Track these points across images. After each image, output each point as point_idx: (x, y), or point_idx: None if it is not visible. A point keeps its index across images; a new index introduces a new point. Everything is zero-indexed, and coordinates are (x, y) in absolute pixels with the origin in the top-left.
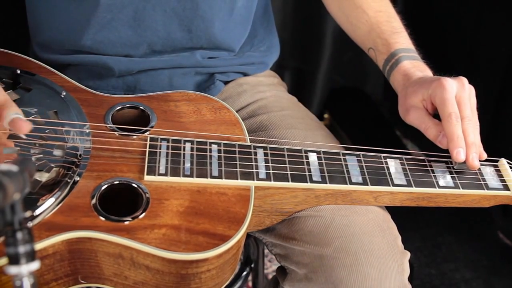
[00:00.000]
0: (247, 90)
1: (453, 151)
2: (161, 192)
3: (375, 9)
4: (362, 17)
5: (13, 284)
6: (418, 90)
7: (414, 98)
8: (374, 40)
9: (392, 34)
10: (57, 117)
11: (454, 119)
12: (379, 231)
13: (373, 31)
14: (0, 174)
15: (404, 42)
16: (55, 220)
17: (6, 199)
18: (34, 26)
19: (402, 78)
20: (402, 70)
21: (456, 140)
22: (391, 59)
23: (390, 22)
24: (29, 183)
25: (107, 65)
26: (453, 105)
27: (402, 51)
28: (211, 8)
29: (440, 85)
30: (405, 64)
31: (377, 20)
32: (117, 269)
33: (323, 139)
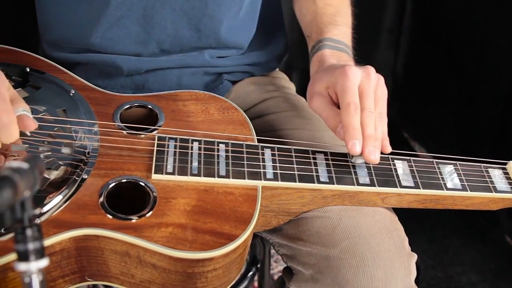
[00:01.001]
0: (255, 90)
1: (348, 143)
2: (168, 191)
3: (325, 2)
4: (310, 7)
5: (22, 280)
6: (323, 77)
7: (319, 85)
8: (312, 28)
9: (329, 25)
10: (66, 115)
11: (353, 109)
12: (386, 233)
13: (314, 20)
14: (11, 171)
15: (337, 33)
16: (62, 217)
17: (17, 196)
18: (44, 24)
19: (316, 65)
20: (319, 57)
21: (352, 131)
22: (315, 46)
23: (334, 16)
24: (39, 181)
25: (116, 64)
26: (353, 94)
27: (329, 40)
28: (219, 7)
29: (343, 73)
30: (325, 52)
31: (323, 11)
32: (123, 267)
33: (330, 140)
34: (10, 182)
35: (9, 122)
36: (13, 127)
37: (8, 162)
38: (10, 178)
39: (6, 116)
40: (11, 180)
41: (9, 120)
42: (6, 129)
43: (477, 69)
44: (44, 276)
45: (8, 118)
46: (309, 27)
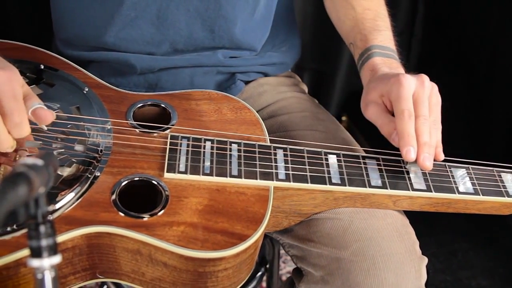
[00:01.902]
0: (267, 90)
1: (403, 150)
2: (180, 189)
3: (363, 7)
4: (349, 13)
5: (35, 277)
6: (378, 85)
7: (374, 94)
8: (355, 35)
9: (373, 31)
10: (79, 113)
11: (407, 116)
12: (397, 236)
13: (356, 27)
14: (27, 168)
15: (383, 40)
16: (75, 214)
17: (32, 192)
18: (58, 22)
19: (369, 74)
20: (371, 65)
21: (406, 138)
22: (364, 54)
23: (375, 21)
24: (53, 177)
25: (129, 62)
26: (407, 102)
27: (377, 48)
28: (233, 8)
29: (397, 81)
30: (376, 59)
31: (363, 17)
32: (134, 265)
33: (342, 141)
34: (25, 179)
35: (21, 121)
36: (24, 126)
37: (22, 158)
38: (26, 174)
39: (18, 115)
40: (26, 177)
41: (21, 119)
42: (18, 128)
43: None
44: (57, 273)
45: (19, 117)
46: (351, 34)
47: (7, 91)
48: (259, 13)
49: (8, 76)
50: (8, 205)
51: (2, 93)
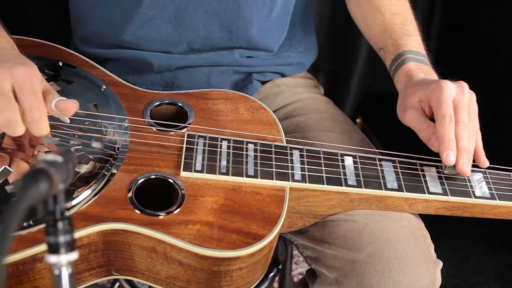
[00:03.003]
0: (284, 91)
1: (443, 154)
2: (196, 188)
3: (392, 11)
4: (378, 18)
5: (51, 272)
6: (417, 90)
7: (413, 99)
8: (386, 40)
9: (403, 36)
10: (97, 110)
11: (448, 121)
12: (412, 239)
13: (386, 32)
14: (47, 164)
15: (414, 45)
16: (91, 211)
17: (52, 188)
18: (76, 20)
19: (404, 79)
20: (405, 71)
21: (447, 142)
22: (397, 60)
23: (404, 25)
24: (72, 174)
25: (146, 60)
26: (448, 107)
27: (409, 53)
28: (251, 9)
29: (438, 87)
30: (410, 65)
31: (392, 22)
32: (149, 263)
33: (359, 143)
34: (46, 175)
35: (40, 117)
36: (43, 123)
37: (40, 154)
38: (46, 170)
39: (37, 111)
40: (47, 173)
41: (40, 116)
42: (37, 124)
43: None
44: (73, 269)
45: (39, 114)
46: (381, 39)
47: (27, 87)
48: (276, 14)
49: (28, 72)
50: (29, 201)
51: (22, 89)
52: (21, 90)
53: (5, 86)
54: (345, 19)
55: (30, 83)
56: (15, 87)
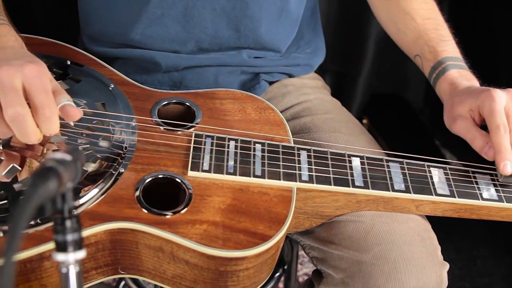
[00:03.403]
0: (291, 91)
1: (500, 164)
2: (203, 188)
3: (423, 16)
4: (410, 24)
5: (59, 271)
6: (466, 100)
7: (461, 108)
8: (421, 47)
9: (439, 42)
10: (105, 109)
11: (503, 131)
12: (419, 241)
13: (421, 38)
14: (56, 163)
15: (452, 50)
16: (99, 210)
17: (61, 187)
18: (84, 19)
19: (448, 87)
20: (448, 79)
21: (503, 152)
22: (437, 67)
23: (438, 30)
24: (80, 173)
25: (154, 60)
26: (502, 116)
27: (449, 60)
28: (260, 8)
29: (489, 96)
30: (452, 72)
31: (425, 27)
32: (156, 262)
33: (366, 144)
34: (55, 173)
35: (51, 115)
36: (54, 121)
37: (49, 152)
38: (55, 169)
39: (49, 109)
40: (56, 171)
41: (51, 114)
42: (48, 122)
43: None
44: (81, 267)
45: (50, 112)
46: (416, 46)
47: (37, 85)
48: (286, 15)
49: (38, 70)
50: (38, 199)
51: (33, 87)
52: (31, 88)
53: (15, 83)
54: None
55: (40, 81)
56: (25, 85)
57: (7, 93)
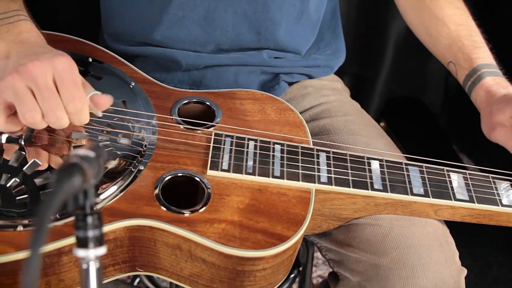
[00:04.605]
0: (311, 92)
1: None
2: (222, 187)
3: (456, 22)
4: (442, 30)
5: (80, 266)
6: (505, 107)
7: (501, 116)
8: (455, 54)
9: (473, 48)
10: (125, 107)
11: None
12: (437, 245)
13: (454, 45)
14: (80, 159)
15: (486, 57)
16: (118, 206)
17: (86, 183)
18: (106, 17)
19: (485, 95)
20: (485, 87)
21: None
22: (473, 75)
23: (471, 36)
24: (103, 169)
25: (175, 58)
26: None
27: (484, 67)
28: (280, 11)
29: None
30: (488, 80)
31: (458, 34)
32: (173, 260)
33: (385, 147)
34: (79, 169)
35: (82, 107)
36: (85, 112)
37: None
38: (80, 165)
39: (79, 102)
40: (80, 167)
41: (82, 106)
42: (79, 114)
43: None
44: (101, 264)
45: (81, 104)
46: (449, 52)
47: (68, 78)
48: (306, 17)
49: (68, 63)
50: (63, 195)
51: (64, 80)
52: (62, 82)
53: (48, 79)
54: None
55: (71, 74)
56: (56, 79)
57: (42, 89)
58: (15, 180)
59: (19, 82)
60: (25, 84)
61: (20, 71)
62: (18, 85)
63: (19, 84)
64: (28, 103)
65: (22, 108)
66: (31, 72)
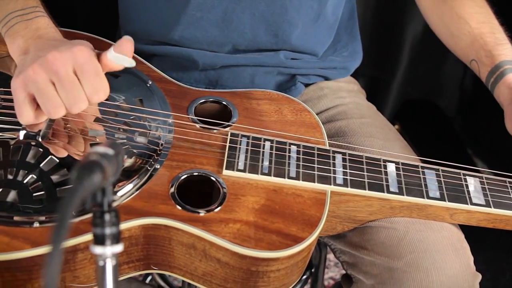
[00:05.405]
0: (327, 94)
1: None
2: (238, 187)
3: (478, 20)
4: (464, 28)
5: (96, 263)
6: None
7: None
8: (477, 51)
9: (496, 45)
10: (142, 105)
11: None
12: (452, 250)
13: (476, 43)
14: (99, 156)
15: (509, 54)
16: (134, 204)
17: (105, 180)
18: (124, 16)
19: (508, 92)
20: (507, 83)
21: None
22: (495, 72)
23: (493, 34)
24: (121, 167)
25: (191, 57)
26: None
27: (507, 63)
28: (298, 13)
29: None
30: (511, 76)
31: (480, 31)
32: (188, 259)
33: (401, 150)
34: (100, 167)
35: (105, 96)
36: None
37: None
38: (100, 162)
39: (102, 92)
40: (100, 165)
41: (106, 95)
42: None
43: None
44: (117, 261)
45: (104, 94)
46: (471, 50)
47: (90, 68)
48: (323, 19)
49: (88, 52)
50: (84, 192)
51: (85, 70)
52: (83, 72)
53: (69, 71)
54: (387, 24)
55: (92, 64)
56: (77, 69)
57: (63, 81)
58: (32, 176)
59: (40, 76)
60: (47, 77)
61: (41, 63)
62: (39, 79)
63: (41, 77)
64: (52, 99)
65: (47, 105)
66: (52, 64)
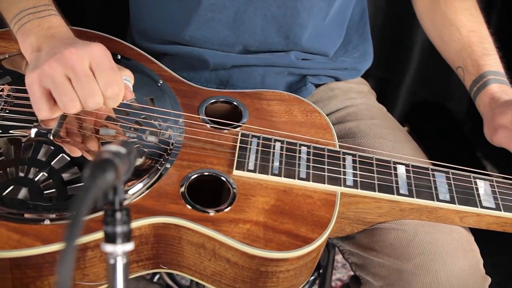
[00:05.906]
0: (338, 95)
1: None
2: (248, 188)
3: (468, 29)
4: (454, 35)
5: (107, 261)
6: (507, 110)
7: (503, 118)
8: (464, 59)
9: (482, 55)
10: (153, 105)
11: None
12: (462, 252)
13: (464, 51)
14: (112, 155)
15: (494, 65)
16: (144, 203)
17: (118, 179)
18: (136, 15)
19: (488, 101)
20: (489, 93)
21: None
22: (479, 81)
23: (482, 43)
24: (134, 165)
25: (202, 57)
26: None
27: (491, 74)
28: (309, 15)
29: None
30: (493, 87)
31: (469, 39)
32: (197, 259)
33: (411, 152)
34: (112, 165)
35: (120, 91)
36: (121, 96)
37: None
38: (112, 161)
39: (117, 86)
40: (113, 163)
41: (120, 90)
42: (116, 97)
43: None
44: (128, 259)
45: (118, 88)
46: (459, 57)
47: (105, 63)
48: (332, 19)
49: (103, 50)
50: (97, 190)
51: (101, 65)
52: (99, 67)
53: (85, 65)
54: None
55: (107, 59)
56: (92, 65)
57: (80, 76)
58: (43, 174)
59: (56, 71)
60: (63, 72)
61: (58, 58)
62: (56, 74)
63: (57, 72)
64: (68, 93)
65: (63, 99)
66: (68, 59)
